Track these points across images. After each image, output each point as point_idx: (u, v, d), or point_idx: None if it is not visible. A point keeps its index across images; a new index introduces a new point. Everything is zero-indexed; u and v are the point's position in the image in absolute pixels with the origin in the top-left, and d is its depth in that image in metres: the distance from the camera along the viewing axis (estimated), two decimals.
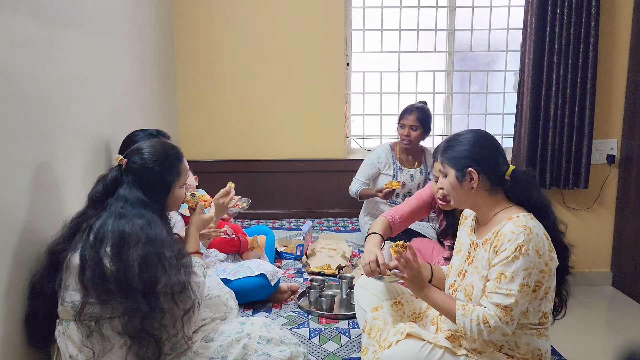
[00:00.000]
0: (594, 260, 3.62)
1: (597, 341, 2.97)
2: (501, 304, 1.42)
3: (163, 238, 1.48)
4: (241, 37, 3.45)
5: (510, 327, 1.44)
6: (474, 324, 1.45)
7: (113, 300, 1.41)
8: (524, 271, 1.42)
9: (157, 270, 1.43)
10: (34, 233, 1.57)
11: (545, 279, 1.46)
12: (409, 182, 3.02)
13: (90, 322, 1.43)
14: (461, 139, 1.59)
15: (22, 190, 1.51)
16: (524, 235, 1.43)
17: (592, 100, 3.29)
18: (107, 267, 1.41)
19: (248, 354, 1.56)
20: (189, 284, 1.51)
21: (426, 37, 3.60)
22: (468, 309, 1.49)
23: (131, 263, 1.41)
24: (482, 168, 1.54)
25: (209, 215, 1.80)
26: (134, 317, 1.40)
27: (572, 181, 3.39)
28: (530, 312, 1.50)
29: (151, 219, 1.49)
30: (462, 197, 1.59)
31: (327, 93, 3.52)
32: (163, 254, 1.45)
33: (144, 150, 1.58)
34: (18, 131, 1.49)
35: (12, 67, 1.47)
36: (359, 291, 1.89)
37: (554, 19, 3.23)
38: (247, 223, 3.25)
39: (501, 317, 1.42)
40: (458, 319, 1.50)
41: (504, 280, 1.43)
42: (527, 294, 1.43)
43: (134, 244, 1.43)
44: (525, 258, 1.42)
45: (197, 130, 3.53)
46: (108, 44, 2.28)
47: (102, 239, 1.43)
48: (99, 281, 1.40)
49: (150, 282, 1.42)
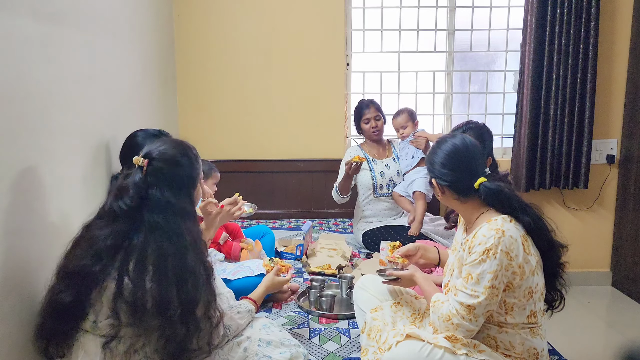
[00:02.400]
0: (594, 260, 3.62)
1: (597, 341, 2.98)
2: (464, 303, 1.49)
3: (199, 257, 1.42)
4: (241, 37, 3.45)
5: (474, 324, 1.50)
6: (441, 320, 1.55)
7: (148, 325, 1.35)
8: (490, 274, 1.47)
9: (196, 293, 1.38)
10: (34, 233, 1.56)
11: (517, 280, 1.49)
12: (386, 170, 3.09)
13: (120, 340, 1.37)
14: (437, 150, 1.65)
15: (21, 190, 1.51)
16: (494, 239, 1.47)
17: (592, 100, 3.29)
18: (148, 291, 1.33)
19: (249, 357, 1.56)
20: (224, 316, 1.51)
21: (426, 37, 3.60)
22: (437, 306, 1.58)
23: (172, 286, 1.34)
24: (444, 182, 1.62)
25: (282, 280, 1.93)
26: (169, 340, 1.36)
27: (572, 181, 3.39)
28: (516, 311, 1.52)
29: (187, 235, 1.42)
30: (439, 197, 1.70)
31: (327, 93, 3.53)
32: (199, 275, 1.40)
33: (164, 148, 1.48)
34: (18, 131, 1.49)
35: (12, 67, 1.47)
36: (358, 292, 1.90)
37: (554, 19, 3.23)
38: (247, 223, 3.25)
39: (464, 316, 1.49)
40: (431, 314, 1.61)
41: (470, 281, 1.49)
42: (494, 295, 1.48)
43: (174, 265, 1.36)
44: (492, 261, 1.46)
45: (197, 130, 3.53)
46: (108, 44, 2.28)
47: (143, 260, 1.35)
48: (136, 306, 1.33)
49: (188, 305, 1.37)
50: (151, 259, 1.34)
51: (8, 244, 1.44)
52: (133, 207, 1.40)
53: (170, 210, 1.40)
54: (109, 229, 1.40)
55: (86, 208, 1.91)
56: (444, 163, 1.62)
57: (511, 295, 1.51)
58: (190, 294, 1.36)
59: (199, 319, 1.39)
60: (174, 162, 1.46)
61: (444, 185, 1.62)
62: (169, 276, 1.35)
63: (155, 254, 1.35)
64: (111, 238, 1.38)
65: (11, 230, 1.46)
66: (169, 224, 1.39)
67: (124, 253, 1.36)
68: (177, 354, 1.38)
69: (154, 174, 1.43)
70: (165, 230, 1.38)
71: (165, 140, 1.56)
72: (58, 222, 1.72)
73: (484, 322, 1.54)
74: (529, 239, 1.54)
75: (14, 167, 1.47)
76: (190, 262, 1.39)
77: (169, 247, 1.36)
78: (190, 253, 1.40)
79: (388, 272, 1.86)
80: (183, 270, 1.37)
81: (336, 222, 3.43)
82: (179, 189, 1.45)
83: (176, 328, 1.35)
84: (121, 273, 1.34)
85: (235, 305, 1.68)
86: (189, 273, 1.37)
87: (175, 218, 1.41)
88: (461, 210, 1.67)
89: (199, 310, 1.39)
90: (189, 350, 1.40)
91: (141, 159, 1.44)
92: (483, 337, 1.56)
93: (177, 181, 1.45)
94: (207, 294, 1.42)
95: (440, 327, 1.55)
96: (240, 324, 1.62)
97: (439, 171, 1.62)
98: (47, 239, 1.63)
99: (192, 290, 1.37)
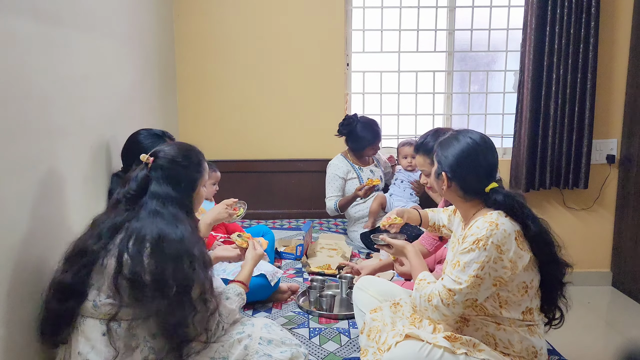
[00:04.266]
0: (594, 260, 3.62)
1: (597, 341, 2.98)
2: (446, 286, 1.51)
3: (195, 242, 1.50)
4: (241, 37, 3.45)
5: (452, 310, 1.51)
6: (423, 299, 1.57)
7: (146, 301, 1.41)
8: (477, 264, 1.47)
9: (191, 273, 1.44)
10: (34, 233, 1.56)
11: (507, 275, 1.48)
12: (372, 177, 3.15)
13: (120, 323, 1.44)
14: (453, 144, 1.62)
15: (22, 190, 1.51)
16: (487, 231, 1.48)
17: (592, 100, 3.29)
18: (145, 267, 1.40)
19: (249, 355, 1.56)
20: (219, 304, 1.55)
21: (426, 37, 3.60)
22: (422, 285, 1.61)
23: (168, 264, 1.42)
24: (454, 178, 1.60)
25: (262, 253, 1.93)
26: (166, 318, 1.41)
27: (572, 181, 3.39)
28: (510, 305, 1.53)
29: (185, 221, 1.51)
30: (437, 190, 1.72)
31: (327, 93, 3.53)
32: (194, 257, 1.47)
33: (169, 149, 1.62)
34: (18, 131, 1.49)
35: (12, 67, 1.47)
36: (357, 293, 1.90)
37: (554, 19, 3.23)
38: (247, 223, 3.26)
39: (443, 299, 1.51)
40: (414, 291, 1.63)
41: (456, 268, 1.51)
42: (477, 285, 1.48)
43: (171, 245, 1.44)
44: (481, 252, 1.47)
45: (197, 130, 3.53)
46: (108, 44, 2.28)
47: (142, 239, 1.43)
48: (135, 282, 1.40)
49: (184, 283, 1.43)
50: (149, 238, 1.43)
51: (8, 243, 1.45)
52: (134, 195, 1.53)
53: (169, 200, 1.52)
54: (111, 214, 1.53)
55: (86, 208, 1.92)
56: (456, 162, 1.59)
57: (504, 289, 1.51)
58: (185, 273, 1.43)
59: (194, 301, 1.45)
60: (175, 162, 1.58)
61: (453, 180, 1.60)
62: (166, 254, 1.43)
63: (154, 234, 1.44)
64: (111, 220, 1.50)
65: (11, 230, 1.46)
66: (168, 210, 1.50)
67: (124, 232, 1.46)
68: (174, 337, 1.43)
69: (156, 169, 1.56)
70: (164, 216, 1.48)
71: (175, 143, 1.70)
72: (58, 222, 1.72)
73: (480, 316, 1.54)
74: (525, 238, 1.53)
75: (13, 167, 1.47)
76: (187, 245, 1.47)
77: (166, 229, 1.46)
78: (187, 238, 1.48)
79: (382, 237, 1.91)
80: (179, 250, 1.45)
81: (336, 222, 3.43)
82: (178, 186, 1.56)
83: (172, 307, 1.41)
84: (121, 249, 1.42)
85: (224, 291, 1.69)
86: (185, 254, 1.45)
87: (173, 206, 1.52)
88: (460, 206, 1.67)
89: (194, 291, 1.45)
90: (185, 335, 1.44)
91: (147, 157, 1.58)
92: (482, 335, 1.56)
93: (177, 178, 1.57)
94: (203, 278, 1.48)
95: (419, 305, 1.59)
96: (232, 309, 1.63)
97: (452, 167, 1.60)
98: (47, 239, 1.63)
99: (188, 270, 1.44)
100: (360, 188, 2.90)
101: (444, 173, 1.61)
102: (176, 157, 1.59)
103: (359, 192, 2.90)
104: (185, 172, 1.59)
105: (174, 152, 1.60)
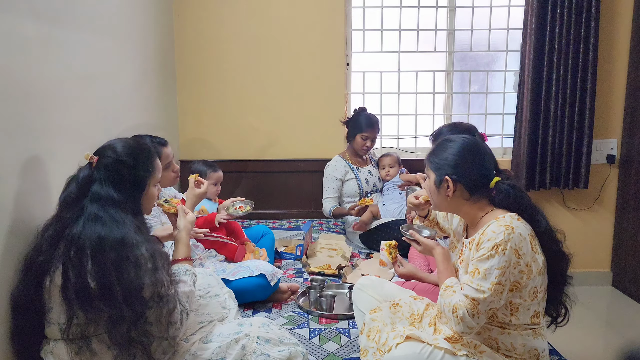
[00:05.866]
0: (594, 260, 3.62)
1: (597, 341, 2.97)
2: (470, 296, 1.46)
3: (140, 241, 1.43)
4: (241, 37, 3.45)
5: (477, 321, 1.46)
6: (447, 309, 1.51)
7: (97, 311, 1.37)
8: (498, 270, 1.44)
9: (138, 275, 1.38)
10: (33, 233, 1.56)
11: (524, 279, 1.48)
12: (370, 177, 3.20)
13: (79, 339, 1.40)
14: (448, 146, 1.62)
15: (20, 190, 1.51)
16: (504, 235, 1.45)
17: (592, 100, 3.29)
18: (89, 276, 1.36)
19: (247, 355, 1.55)
20: (176, 294, 1.49)
21: (426, 37, 3.59)
22: (448, 293, 1.54)
23: (110, 269, 1.36)
24: (460, 178, 1.58)
25: (193, 216, 1.80)
26: (119, 325, 1.37)
27: (572, 181, 3.39)
28: (521, 312, 1.51)
29: (128, 222, 1.44)
30: (439, 201, 1.65)
31: (327, 93, 3.52)
32: (141, 257, 1.40)
33: (116, 145, 1.53)
34: (17, 131, 1.49)
35: (12, 66, 1.47)
36: (357, 293, 1.89)
37: (554, 19, 3.23)
38: (247, 223, 3.25)
39: (468, 309, 1.45)
40: (439, 297, 1.57)
41: (477, 276, 1.47)
42: (499, 292, 1.45)
43: (112, 249, 1.38)
44: (500, 257, 1.44)
45: (197, 130, 3.53)
46: (108, 44, 2.28)
47: (82, 247, 1.38)
48: (83, 293, 1.36)
49: (131, 287, 1.38)
50: (89, 245, 1.37)
51: (7, 243, 1.44)
52: (75, 198, 1.46)
53: (110, 203, 1.44)
54: (53, 219, 1.47)
55: None
56: (459, 160, 1.58)
57: (517, 296, 1.50)
58: (131, 278, 1.38)
59: (146, 300, 1.40)
60: (120, 162, 1.50)
61: (459, 182, 1.58)
62: (107, 259, 1.37)
63: (93, 241, 1.38)
64: (52, 227, 1.44)
65: (11, 230, 1.46)
66: (108, 213, 1.42)
67: (65, 242, 1.40)
68: (129, 339, 1.38)
69: (100, 169, 1.48)
70: (103, 220, 1.41)
71: (123, 140, 1.59)
72: None
73: (486, 323, 1.53)
74: (536, 239, 1.53)
75: (13, 167, 1.47)
76: (129, 246, 1.40)
77: (105, 233, 1.39)
78: (130, 240, 1.41)
79: (411, 232, 1.82)
80: (121, 254, 1.38)
81: (336, 222, 3.42)
82: (122, 186, 1.48)
83: (122, 310, 1.36)
84: (65, 263, 1.38)
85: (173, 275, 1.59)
86: (128, 256, 1.39)
87: (114, 209, 1.44)
88: (467, 210, 1.62)
89: (145, 291, 1.40)
90: (146, 334, 1.41)
91: (91, 155, 1.51)
92: (484, 338, 1.55)
93: (121, 179, 1.49)
94: (155, 277, 1.41)
95: (445, 314, 1.52)
96: (188, 291, 1.57)
97: (456, 168, 1.58)
98: None
99: (133, 274, 1.38)
100: (353, 207, 2.95)
101: (447, 177, 1.59)
102: (122, 156, 1.50)
103: (352, 211, 2.95)
104: (132, 172, 1.51)
105: (121, 150, 1.51)
